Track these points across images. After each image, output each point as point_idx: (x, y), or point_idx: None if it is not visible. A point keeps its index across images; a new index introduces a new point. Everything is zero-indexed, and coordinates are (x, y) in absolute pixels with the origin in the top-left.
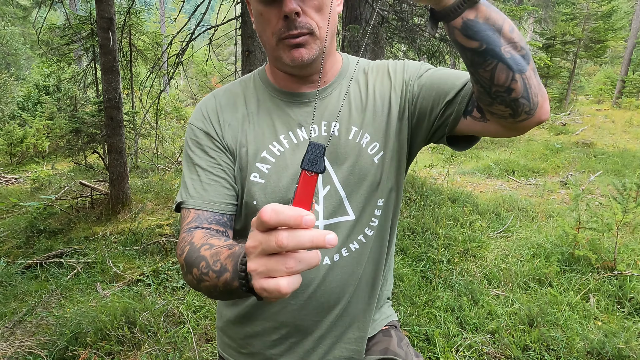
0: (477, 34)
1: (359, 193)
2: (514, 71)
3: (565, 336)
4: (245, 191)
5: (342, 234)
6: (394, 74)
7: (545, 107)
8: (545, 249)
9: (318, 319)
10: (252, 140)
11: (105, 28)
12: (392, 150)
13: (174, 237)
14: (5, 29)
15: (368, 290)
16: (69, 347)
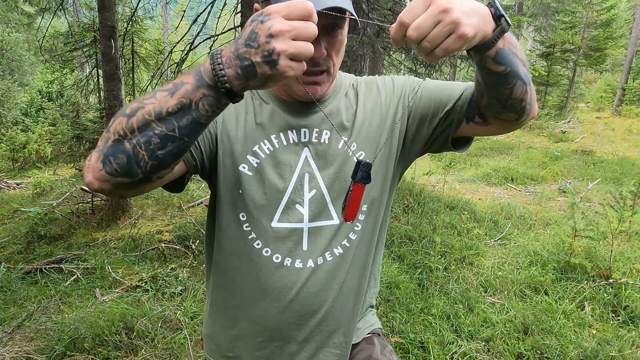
0: (504, 59)
1: (342, 197)
2: (526, 85)
3: (559, 344)
4: (235, 179)
5: (326, 237)
6: (383, 88)
7: (535, 107)
8: (542, 257)
9: (302, 322)
10: (246, 135)
11: (107, 36)
12: (379, 160)
13: (174, 243)
14: (9, 35)
15: (353, 296)
16: (67, 352)
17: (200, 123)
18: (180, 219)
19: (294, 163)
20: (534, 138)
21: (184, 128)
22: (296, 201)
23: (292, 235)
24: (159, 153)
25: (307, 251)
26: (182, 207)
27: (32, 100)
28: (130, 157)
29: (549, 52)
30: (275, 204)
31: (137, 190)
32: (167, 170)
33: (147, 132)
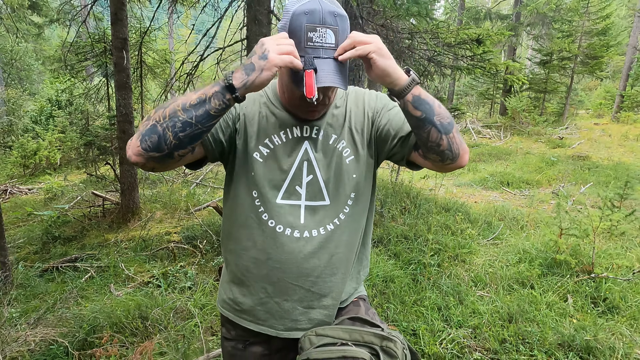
0: (421, 106)
1: (334, 184)
2: (441, 133)
3: (540, 331)
4: (248, 164)
5: (320, 215)
6: (368, 102)
7: (464, 157)
8: (530, 254)
9: (297, 283)
10: (260, 130)
11: (119, 47)
12: (362, 157)
13: (182, 243)
14: (18, 45)
15: (342, 267)
16: (87, 338)
17: (210, 114)
18: (187, 221)
19: (296, 153)
20: (532, 144)
21: (199, 117)
22: (296, 183)
23: (292, 211)
24: (180, 135)
25: (304, 224)
26: (189, 211)
27: (42, 109)
28: (160, 136)
29: (546, 60)
30: (279, 184)
31: (164, 164)
32: (186, 150)
33: (173, 118)
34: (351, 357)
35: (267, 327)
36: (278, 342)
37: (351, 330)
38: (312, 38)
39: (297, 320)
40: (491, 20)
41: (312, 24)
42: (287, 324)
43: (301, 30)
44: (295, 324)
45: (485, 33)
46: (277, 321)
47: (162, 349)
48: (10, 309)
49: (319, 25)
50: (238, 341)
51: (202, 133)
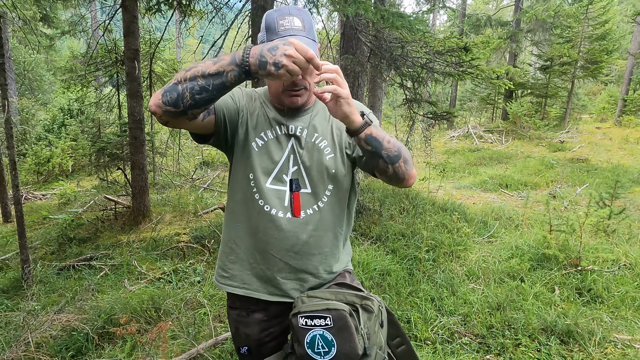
0: (371, 142)
1: (314, 175)
2: (388, 163)
3: (525, 317)
4: (248, 150)
5: (303, 199)
6: None
7: (410, 181)
8: (522, 250)
9: (279, 256)
10: (257, 124)
11: (132, 58)
12: (339, 156)
13: (191, 243)
14: (31, 56)
15: (320, 247)
16: (105, 325)
17: (225, 85)
18: (195, 223)
19: (284, 147)
20: (532, 148)
21: (215, 85)
22: (283, 172)
23: (279, 194)
24: (197, 97)
25: (288, 206)
26: (197, 213)
27: (54, 118)
28: (179, 94)
29: (547, 65)
30: (269, 172)
31: (176, 120)
32: (199, 110)
33: (193, 82)
34: (333, 309)
35: (252, 291)
36: (275, 309)
37: (337, 292)
38: (283, 24)
39: (276, 287)
40: (492, 27)
41: (281, 15)
42: (269, 289)
43: (274, 21)
44: (275, 290)
45: (470, 41)
46: (261, 285)
47: (174, 334)
48: (33, 302)
49: (287, 15)
50: (242, 309)
51: (215, 98)
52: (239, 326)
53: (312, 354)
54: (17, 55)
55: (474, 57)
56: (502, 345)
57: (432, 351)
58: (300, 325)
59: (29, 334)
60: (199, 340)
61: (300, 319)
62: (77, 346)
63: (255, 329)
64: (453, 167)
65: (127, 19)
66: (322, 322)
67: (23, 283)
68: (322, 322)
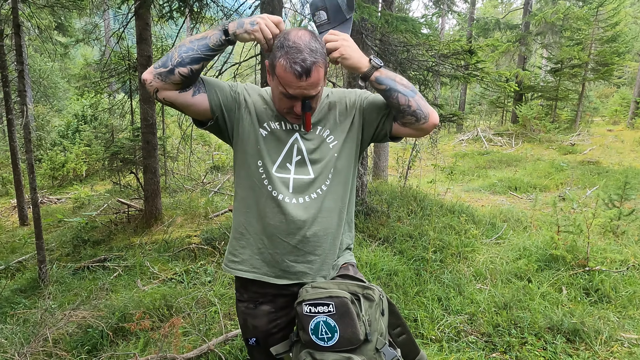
0: (383, 82)
1: (317, 162)
2: (407, 96)
3: (531, 316)
4: (256, 138)
5: (305, 185)
6: (349, 97)
7: (434, 115)
8: (530, 251)
9: (286, 239)
10: (264, 115)
11: (144, 64)
12: (344, 142)
13: (202, 244)
14: (46, 64)
15: (326, 228)
16: (119, 323)
17: (209, 46)
18: (206, 226)
19: (287, 140)
20: (542, 151)
21: (200, 46)
22: (287, 161)
23: (284, 180)
24: (183, 55)
25: (292, 192)
26: (207, 216)
27: (68, 124)
28: (168, 57)
29: (557, 68)
30: (275, 159)
31: (167, 83)
32: (185, 70)
33: (181, 46)
34: (335, 296)
35: (261, 275)
36: (282, 301)
37: (339, 283)
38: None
39: (285, 270)
40: (500, 31)
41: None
42: (277, 272)
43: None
44: (284, 274)
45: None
46: (270, 269)
47: (185, 330)
48: (49, 301)
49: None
50: (250, 302)
51: (200, 59)
52: (247, 318)
53: (316, 339)
54: (33, 64)
55: (479, 59)
56: (508, 344)
57: (438, 349)
58: (304, 312)
59: (47, 330)
60: (209, 337)
61: (305, 307)
62: (93, 342)
63: (263, 320)
64: (462, 170)
65: (139, 26)
66: (325, 309)
67: (40, 283)
68: (325, 309)
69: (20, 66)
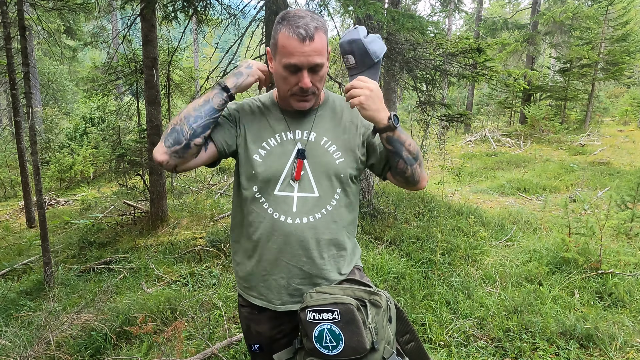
0: (393, 144)
1: (323, 180)
2: (407, 164)
3: (542, 320)
4: (250, 164)
5: (309, 204)
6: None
7: (422, 183)
8: (541, 253)
9: (292, 263)
10: (257, 134)
11: (150, 66)
12: (351, 158)
13: (207, 246)
14: (55, 67)
15: (332, 249)
16: (123, 326)
17: (214, 108)
18: (212, 228)
19: (289, 153)
20: (552, 152)
21: (206, 111)
22: (290, 178)
23: (287, 200)
24: (194, 125)
25: (296, 212)
26: (213, 218)
27: (76, 126)
28: (179, 132)
29: (566, 67)
30: (276, 179)
31: (184, 158)
32: (200, 139)
33: (187, 117)
34: (340, 302)
35: (266, 302)
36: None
37: (345, 288)
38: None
39: (291, 294)
40: (508, 30)
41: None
42: (283, 298)
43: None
44: (290, 298)
45: (484, 42)
46: (275, 296)
47: (189, 334)
48: (54, 303)
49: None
50: (253, 307)
51: (210, 123)
52: (250, 324)
53: (320, 348)
54: (41, 67)
55: (488, 58)
56: (519, 349)
57: (447, 354)
58: (308, 319)
59: (50, 334)
60: (213, 341)
61: (309, 313)
62: (96, 346)
63: (266, 326)
64: (470, 171)
65: (145, 28)
66: (330, 316)
67: (45, 285)
68: (329, 316)
69: (26, 68)
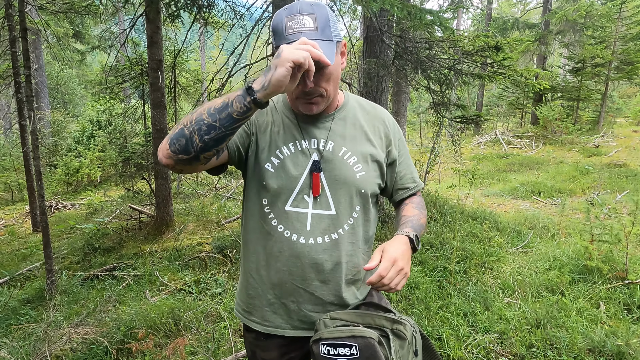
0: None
1: (341, 196)
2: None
3: (569, 335)
4: (260, 174)
5: (325, 223)
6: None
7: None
8: (561, 261)
9: (303, 287)
10: (271, 141)
11: (155, 68)
12: (372, 172)
13: (213, 253)
14: (63, 71)
15: (347, 272)
16: (125, 339)
17: (233, 117)
18: (218, 233)
19: (304, 163)
20: (565, 153)
21: (222, 120)
22: (304, 192)
23: (300, 217)
24: (206, 138)
25: (310, 231)
26: (219, 222)
27: (83, 129)
28: (187, 140)
29: (579, 67)
30: (289, 192)
31: (191, 166)
32: (211, 153)
33: (199, 121)
34: (360, 336)
35: (274, 329)
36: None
37: (364, 314)
38: (291, 26)
39: (303, 320)
40: (519, 30)
41: (290, 14)
42: (294, 323)
43: (281, 22)
44: (302, 324)
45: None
46: (284, 322)
47: (193, 349)
48: (55, 313)
49: (297, 14)
50: (259, 333)
51: (226, 136)
52: (256, 350)
53: None
54: (50, 71)
55: (505, 56)
56: None
57: None
58: (322, 353)
59: (47, 348)
60: (218, 356)
61: (322, 347)
62: None
63: (274, 353)
64: (481, 173)
65: (150, 29)
66: (347, 352)
67: (46, 294)
68: (347, 352)
69: (28, 71)
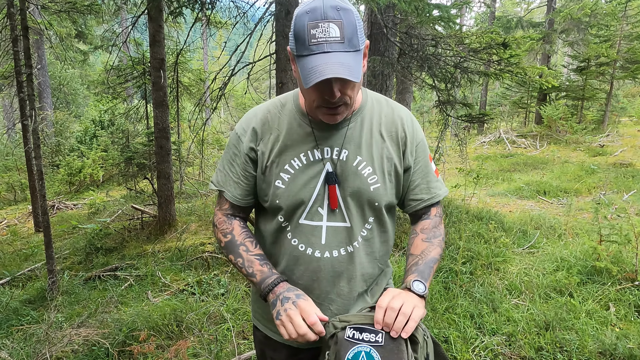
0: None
1: (355, 208)
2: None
3: (579, 338)
4: (271, 193)
5: (341, 235)
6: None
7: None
8: (568, 262)
9: (319, 301)
10: (279, 155)
11: (157, 67)
12: (388, 184)
13: (216, 253)
14: (66, 71)
15: (362, 285)
16: (126, 340)
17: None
18: None
19: (317, 176)
20: (570, 153)
21: (239, 271)
22: (318, 205)
23: (314, 231)
24: (234, 262)
25: (325, 244)
26: None
27: (86, 129)
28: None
29: (583, 66)
30: (302, 206)
31: None
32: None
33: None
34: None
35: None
36: None
37: (372, 317)
38: (314, 34)
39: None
40: (523, 29)
41: (314, 20)
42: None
43: (304, 29)
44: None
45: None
46: None
47: (195, 351)
48: (56, 314)
49: (321, 21)
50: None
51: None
52: (265, 349)
53: None
54: (53, 71)
55: (513, 53)
56: None
57: None
58: (346, 336)
59: (47, 350)
60: (221, 359)
61: (349, 330)
62: None
63: (283, 353)
64: (485, 173)
65: (152, 28)
66: (372, 338)
67: (47, 294)
68: (372, 338)
69: (29, 70)
